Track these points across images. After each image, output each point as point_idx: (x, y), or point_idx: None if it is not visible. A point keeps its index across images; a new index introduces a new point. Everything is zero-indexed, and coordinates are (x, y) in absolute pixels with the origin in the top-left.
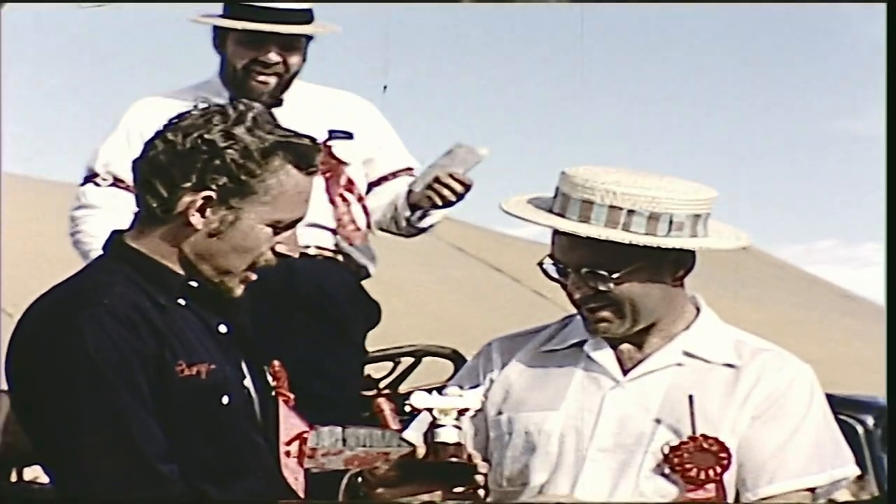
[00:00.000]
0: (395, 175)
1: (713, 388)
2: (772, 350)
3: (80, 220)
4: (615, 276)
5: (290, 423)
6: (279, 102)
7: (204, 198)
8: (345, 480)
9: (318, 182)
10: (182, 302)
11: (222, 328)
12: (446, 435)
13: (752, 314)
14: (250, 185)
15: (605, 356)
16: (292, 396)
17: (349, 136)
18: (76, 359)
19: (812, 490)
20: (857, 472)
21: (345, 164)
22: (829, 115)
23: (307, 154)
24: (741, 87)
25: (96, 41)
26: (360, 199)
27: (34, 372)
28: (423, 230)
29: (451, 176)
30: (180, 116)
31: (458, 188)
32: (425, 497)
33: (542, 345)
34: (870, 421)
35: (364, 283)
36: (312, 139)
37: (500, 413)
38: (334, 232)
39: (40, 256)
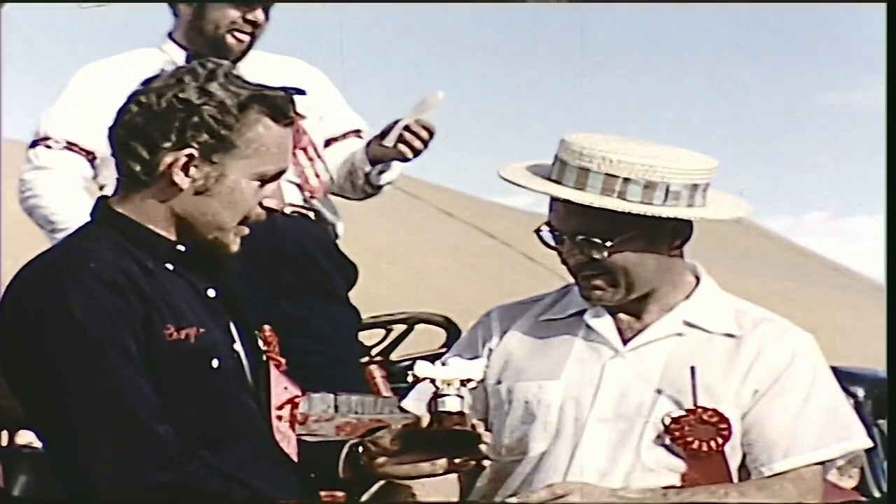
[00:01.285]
0: (344, 136)
1: (714, 358)
2: (773, 320)
3: (32, 181)
4: (609, 244)
5: (281, 388)
6: (234, 63)
7: (187, 156)
8: (345, 450)
9: None
10: (170, 266)
11: (211, 292)
12: (450, 404)
13: (737, 285)
14: (230, 139)
15: (604, 326)
16: (284, 361)
17: (302, 92)
18: (63, 323)
19: (822, 463)
20: (870, 443)
21: (302, 116)
22: (821, 87)
23: (282, 105)
24: (732, 58)
25: (96, 41)
26: (318, 154)
27: (22, 338)
28: (379, 188)
29: (417, 123)
30: (150, 79)
31: (425, 135)
32: (426, 466)
33: (541, 314)
34: (861, 393)
35: (356, 247)
36: (285, 90)
37: (499, 382)
38: (299, 187)
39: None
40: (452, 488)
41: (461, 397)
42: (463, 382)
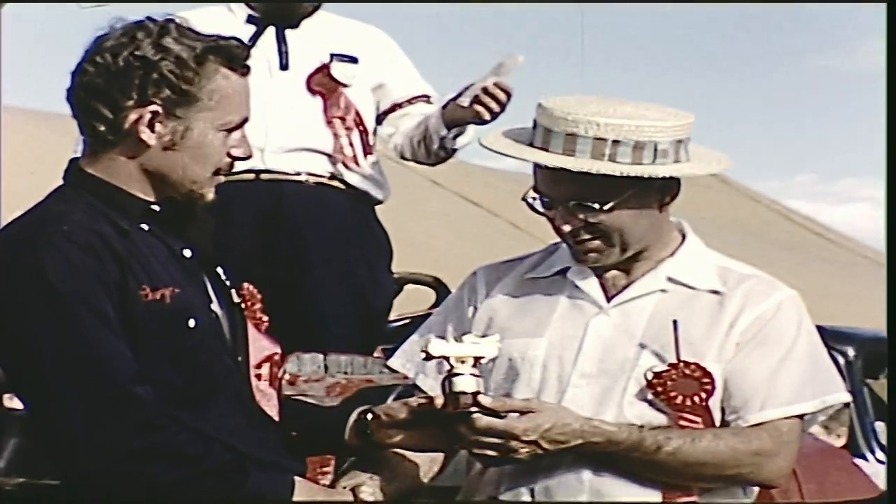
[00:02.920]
0: (410, 102)
1: (698, 314)
2: (758, 276)
3: None
4: (605, 207)
5: (259, 346)
6: (296, 24)
7: (151, 112)
8: (353, 416)
9: (316, 104)
10: (144, 227)
11: (187, 252)
12: (464, 384)
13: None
14: (192, 92)
15: (588, 283)
16: (266, 319)
17: (353, 60)
18: (38, 286)
19: (801, 417)
20: (849, 398)
21: (344, 85)
22: (811, 51)
23: (238, 54)
24: (720, 21)
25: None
26: (360, 124)
27: None
28: (454, 152)
29: (495, 85)
30: (99, 38)
31: (502, 96)
32: (434, 443)
33: (526, 272)
34: (850, 352)
35: None
36: (238, 40)
37: None
38: (329, 157)
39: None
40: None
41: (476, 377)
42: (477, 360)
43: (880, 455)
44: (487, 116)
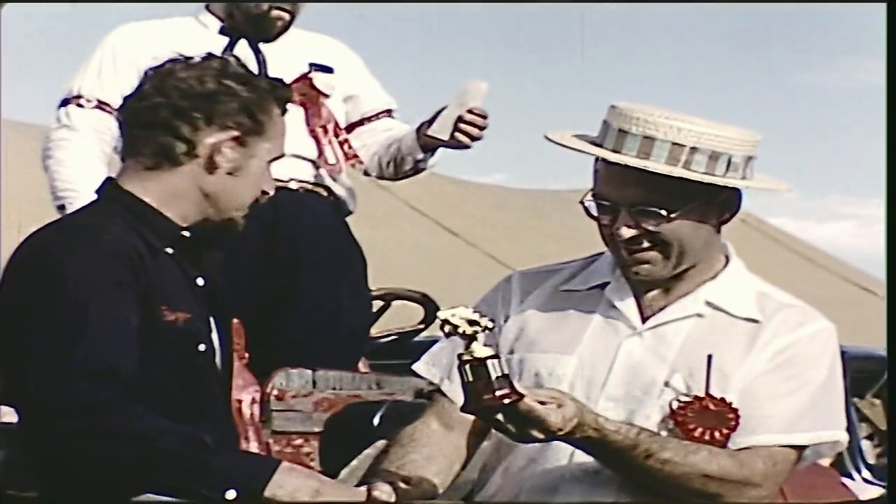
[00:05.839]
0: (377, 116)
1: (733, 342)
2: (796, 306)
3: (59, 142)
4: (672, 214)
5: (239, 381)
6: (271, 39)
7: (231, 137)
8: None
9: (299, 114)
10: (169, 251)
11: (200, 281)
12: (483, 350)
13: None
14: (263, 123)
15: (626, 303)
16: (247, 356)
17: (329, 70)
18: (59, 289)
19: (800, 448)
20: (846, 438)
21: (325, 95)
22: (799, 68)
23: (289, 97)
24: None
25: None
26: (338, 133)
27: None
28: (422, 170)
29: (471, 112)
30: (180, 62)
31: (482, 122)
32: None
33: (562, 283)
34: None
35: None
36: (284, 82)
37: (512, 352)
38: (313, 164)
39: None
40: None
41: (494, 357)
42: (479, 324)
43: (866, 474)
44: (470, 143)
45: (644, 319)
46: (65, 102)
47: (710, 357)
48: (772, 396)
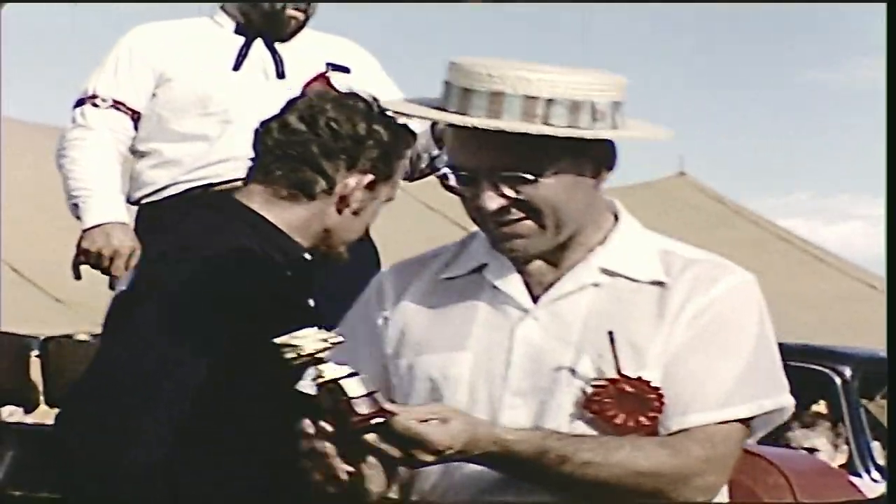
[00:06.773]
0: None
1: (639, 312)
2: (707, 260)
3: (73, 141)
4: (539, 178)
5: None
6: (286, 38)
7: (369, 180)
8: None
9: None
10: (289, 273)
11: (311, 302)
12: (335, 370)
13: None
14: (394, 170)
15: (509, 282)
16: None
17: (346, 70)
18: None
19: (744, 422)
20: (792, 402)
21: None
22: (801, 65)
23: (413, 143)
24: (710, 33)
25: (95, 39)
26: None
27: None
28: (438, 169)
29: None
30: (333, 99)
31: None
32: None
33: (439, 272)
34: (847, 372)
35: None
36: (411, 129)
37: (398, 356)
38: None
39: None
40: None
41: (352, 373)
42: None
43: (876, 475)
44: None
45: (535, 299)
46: (80, 102)
47: (611, 333)
48: (697, 369)
